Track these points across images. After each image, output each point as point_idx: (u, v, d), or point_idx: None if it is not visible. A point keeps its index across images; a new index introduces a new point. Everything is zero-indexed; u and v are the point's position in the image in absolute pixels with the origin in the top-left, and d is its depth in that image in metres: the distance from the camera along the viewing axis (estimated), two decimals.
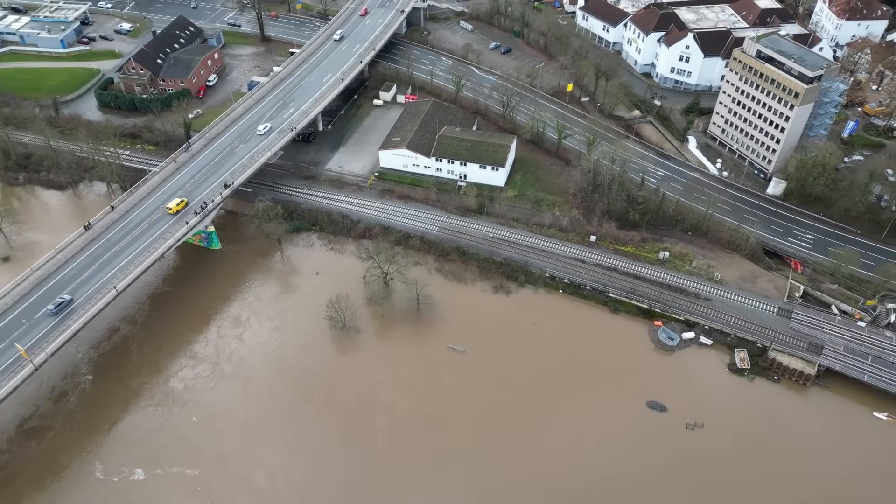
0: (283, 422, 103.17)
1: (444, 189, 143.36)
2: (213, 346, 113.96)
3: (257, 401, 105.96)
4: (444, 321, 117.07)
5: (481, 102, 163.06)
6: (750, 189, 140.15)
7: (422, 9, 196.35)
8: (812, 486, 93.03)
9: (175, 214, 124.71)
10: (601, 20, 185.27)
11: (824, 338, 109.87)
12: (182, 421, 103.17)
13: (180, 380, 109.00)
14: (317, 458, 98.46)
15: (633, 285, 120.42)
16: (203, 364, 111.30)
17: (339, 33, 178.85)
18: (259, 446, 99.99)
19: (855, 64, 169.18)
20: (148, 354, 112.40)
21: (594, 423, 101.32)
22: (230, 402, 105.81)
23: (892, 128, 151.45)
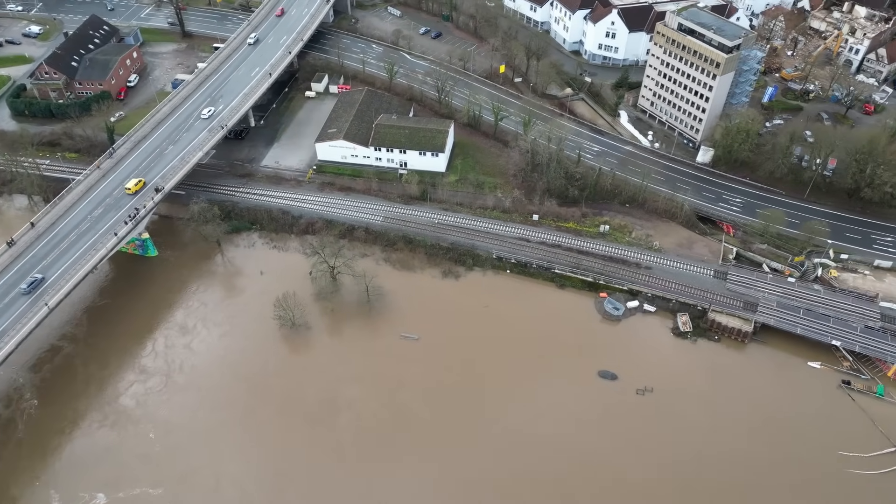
0: (245, 429, 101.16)
1: (385, 178, 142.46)
2: (162, 358, 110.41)
3: (215, 410, 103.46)
4: (396, 311, 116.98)
5: (416, 88, 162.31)
6: (681, 158, 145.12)
7: None
8: (757, 436, 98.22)
9: (134, 195, 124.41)
10: (528, 0, 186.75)
11: (758, 296, 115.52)
12: (139, 439, 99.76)
13: (131, 396, 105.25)
14: (284, 462, 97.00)
15: (577, 260, 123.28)
16: (154, 377, 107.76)
17: (254, 36, 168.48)
18: (223, 456, 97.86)
19: (770, 31, 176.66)
20: (95, 373, 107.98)
21: (552, 398, 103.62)
22: (187, 413, 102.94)
23: (808, 91, 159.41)
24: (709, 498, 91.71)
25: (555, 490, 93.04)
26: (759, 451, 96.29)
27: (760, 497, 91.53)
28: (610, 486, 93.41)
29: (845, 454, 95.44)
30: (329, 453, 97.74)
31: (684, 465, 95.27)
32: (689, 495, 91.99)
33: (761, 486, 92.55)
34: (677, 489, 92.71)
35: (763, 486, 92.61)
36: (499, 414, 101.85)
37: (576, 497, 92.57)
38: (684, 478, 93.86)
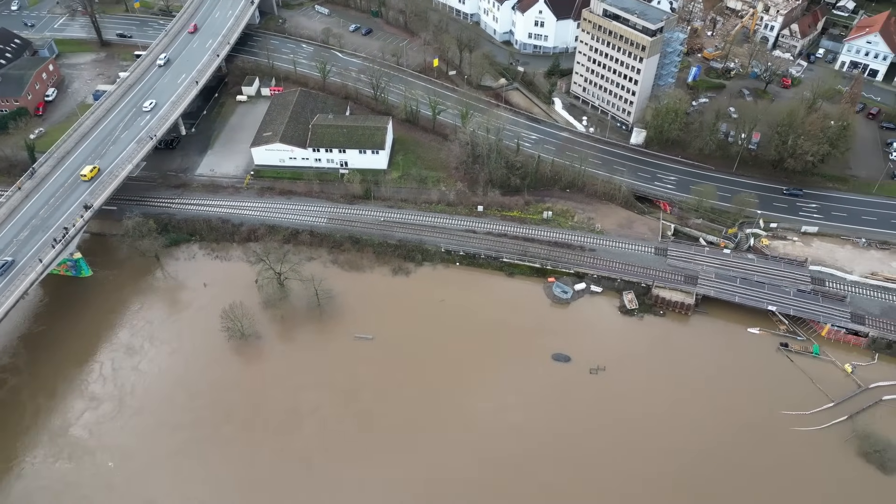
0: (209, 447, 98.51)
1: (326, 179, 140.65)
2: (112, 382, 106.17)
3: (176, 430, 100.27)
4: (348, 312, 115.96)
5: (350, 87, 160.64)
6: (615, 141, 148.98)
7: None
8: (705, 403, 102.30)
9: (90, 181, 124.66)
10: None
11: (697, 269, 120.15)
12: (98, 469, 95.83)
13: (84, 426, 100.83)
14: (253, 478, 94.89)
15: (524, 247, 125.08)
16: (105, 403, 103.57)
17: (164, 57, 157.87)
18: (189, 478, 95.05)
19: (690, 13, 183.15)
20: (42, 403, 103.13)
21: (511, 386, 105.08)
22: (146, 438, 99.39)
23: (729, 69, 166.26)
24: (666, 466, 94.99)
25: (525, 478, 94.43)
26: (709, 418, 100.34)
27: (713, 462, 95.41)
28: (576, 465, 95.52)
29: (788, 413, 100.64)
30: (298, 464, 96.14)
31: (640, 438, 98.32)
32: (647, 466, 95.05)
33: (713, 452, 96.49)
34: (637, 461, 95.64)
35: (715, 451, 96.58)
36: (460, 407, 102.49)
37: (546, 481, 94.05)
38: (641, 450, 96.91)
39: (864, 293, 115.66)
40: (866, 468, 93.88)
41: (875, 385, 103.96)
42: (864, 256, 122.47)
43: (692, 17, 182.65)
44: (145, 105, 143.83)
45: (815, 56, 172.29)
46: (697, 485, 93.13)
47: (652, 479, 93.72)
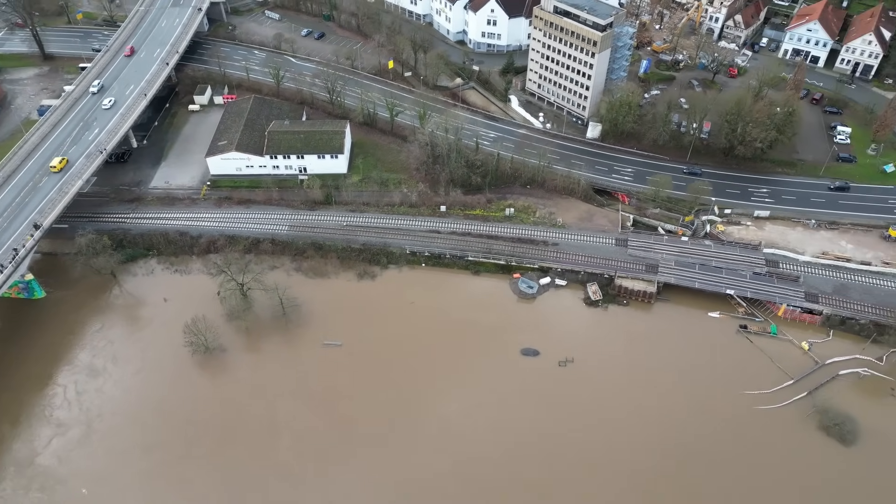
0: (185, 466, 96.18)
1: (286, 186, 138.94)
2: (77, 406, 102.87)
3: (147, 452, 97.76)
4: (315, 319, 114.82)
5: (306, 91, 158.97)
6: (572, 136, 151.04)
7: (221, 3, 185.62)
8: (671, 389, 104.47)
9: (59, 172, 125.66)
10: None
11: (657, 258, 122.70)
12: (71, 497, 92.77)
13: (52, 454, 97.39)
14: (233, 494, 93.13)
15: (488, 245, 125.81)
16: (72, 429, 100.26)
17: (98, 83, 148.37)
18: (167, 499, 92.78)
19: (638, 7, 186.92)
20: (6, 432, 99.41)
21: (482, 384, 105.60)
22: (118, 461, 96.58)
23: (678, 61, 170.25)
24: (638, 452, 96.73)
25: (504, 474, 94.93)
26: (676, 402, 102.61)
27: (683, 445, 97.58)
28: (552, 459, 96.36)
29: (751, 393, 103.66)
30: (278, 476, 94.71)
31: (611, 426, 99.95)
32: (620, 453, 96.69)
33: (682, 436, 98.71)
34: (609, 449, 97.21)
35: (683, 434, 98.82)
36: (436, 409, 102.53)
37: (526, 476, 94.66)
38: (613, 438, 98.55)
39: (817, 273, 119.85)
40: (827, 441, 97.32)
41: (831, 361, 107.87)
42: (814, 237, 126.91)
43: (640, 11, 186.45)
44: (105, 103, 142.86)
45: (759, 45, 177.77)
46: (669, 468, 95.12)
47: (625, 465, 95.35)
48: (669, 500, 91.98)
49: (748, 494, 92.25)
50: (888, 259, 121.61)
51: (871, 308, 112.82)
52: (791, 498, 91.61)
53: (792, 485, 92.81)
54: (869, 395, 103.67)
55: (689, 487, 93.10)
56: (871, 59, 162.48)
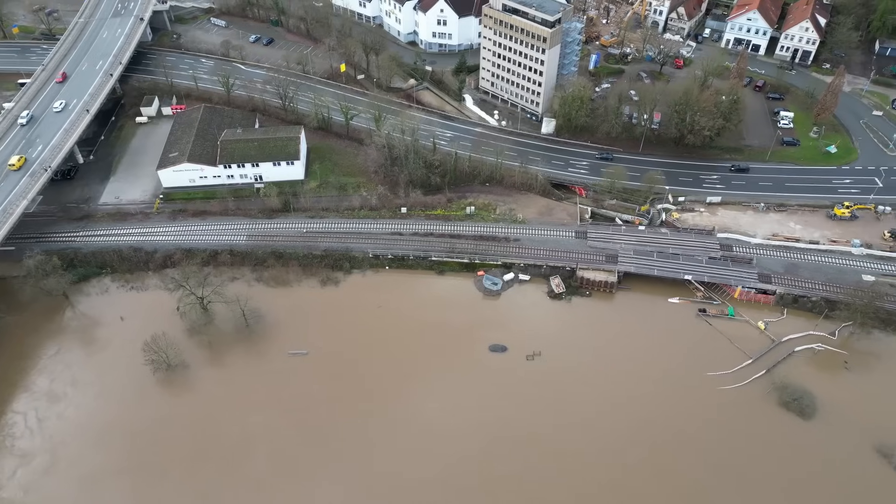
0: (159, 489, 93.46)
1: (242, 195, 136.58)
2: (39, 434, 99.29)
3: (119, 476, 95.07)
4: (279, 329, 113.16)
5: (257, 98, 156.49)
6: (527, 132, 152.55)
7: (164, 11, 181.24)
8: (637, 375, 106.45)
9: (18, 171, 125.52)
10: None
11: (617, 248, 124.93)
12: None
13: (18, 486, 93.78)
14: None
15: (451, 244, 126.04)
16: (37, 457, 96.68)
17: (27, 115, 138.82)
18: None
19: (584, 3, 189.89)
20: None
21: (453, 384, 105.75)
22: (88, 488, 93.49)
23: (626, 54, 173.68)
24: (609, 439, 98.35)
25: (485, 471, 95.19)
26: (642, 388, 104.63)
27: (652, 430, 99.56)
28: (522, 452, 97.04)
29: (713, 374, 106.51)
30: (257, 493, 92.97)
31: (581, 416, 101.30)
32: (592, 443, 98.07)
33: (650, 420, 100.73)
34: (581, 439, 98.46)
35: (651, 418, 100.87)
36: (410, 412, 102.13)
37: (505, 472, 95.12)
38: (584, 428, 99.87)
39: (768, 254, 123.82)
40: (787, 416, 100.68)
41: (787, 338, 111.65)
42: (764, 220, 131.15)
43: (587, 6, 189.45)
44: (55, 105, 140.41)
45: (703, 36, 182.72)
46: (642, 453, 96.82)
47: (599, 453, 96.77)
48: (646, 484, 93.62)
49: (718, 473, 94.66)
50: (834, 237, 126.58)
51: (821, 285, 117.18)
52: (759, 473, 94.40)
53: (759, 461, 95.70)
54: (824, 369, 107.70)
55: (663, 471, 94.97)
56: (808, 46, 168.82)
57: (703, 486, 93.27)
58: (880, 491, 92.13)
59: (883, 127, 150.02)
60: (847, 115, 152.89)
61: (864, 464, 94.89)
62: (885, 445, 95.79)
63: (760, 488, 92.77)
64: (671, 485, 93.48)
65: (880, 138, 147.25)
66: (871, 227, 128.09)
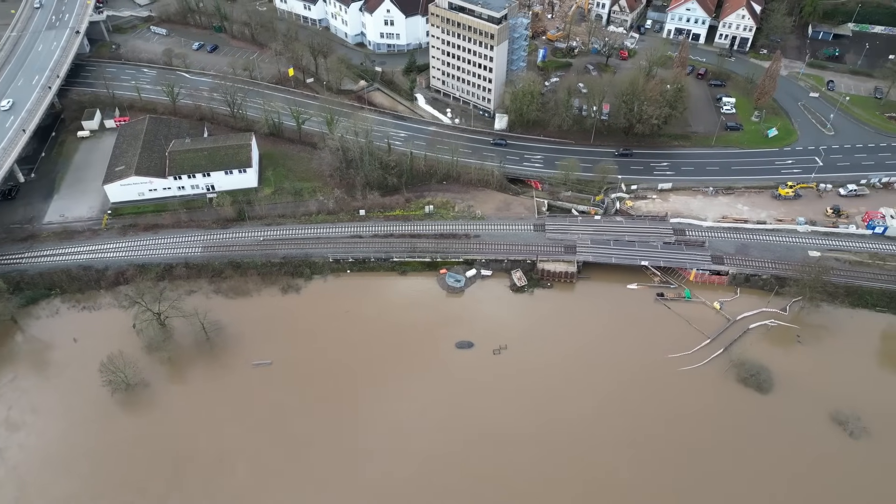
0: None
1: (194, 206, 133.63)
2: (2, 465, 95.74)
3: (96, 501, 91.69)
4: (241, 340, 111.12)
5: (205, 107, 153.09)
6: (481, 129, 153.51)
7: (101, 22, 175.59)
8: (601, 362, 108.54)
9: None
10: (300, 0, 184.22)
11: (574, 238, 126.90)
12: None
13: None
14: None
15: (412, 244, 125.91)
16: (3, 488, 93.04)
17: None
18: None
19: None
20: None
21: (423, 382, 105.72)
22: None
23: (573, 48, 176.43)
24: (579, 428, 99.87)
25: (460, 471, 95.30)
26: (607, 374, 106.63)
27: (620, 415, 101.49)
28: (497, 447, 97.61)
29: (674, 356, 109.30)
30: None
31: (550, 406, 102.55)
32: (562, 432, 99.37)
33: (618, 405, 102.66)
34: (551, 429, 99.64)
35: (619, 404, 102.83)
36: (379, 415, 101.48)
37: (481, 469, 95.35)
38: (553, 418, 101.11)
39: (719, 236, 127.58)
40: (746, 391, 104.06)
41: (741, 316, 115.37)
42: (713, 203, 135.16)
43: (532, 1, 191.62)
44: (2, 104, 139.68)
45: (645, 27, 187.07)
46: (612, 437, 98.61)
47: (569, 440, 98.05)
48: (618, 467, 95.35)
49: (685, 451, 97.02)
50: (780, 217, 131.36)
51: (770, 263, 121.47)
52: (723, 448, 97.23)
53: (722, 436, 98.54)
54: (778, 344, 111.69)
55: (632, 453, 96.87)
56: (745, 33, 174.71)
57: (671, 465, 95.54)
58: (838, 456, 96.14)
59: (820, 108, 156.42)
60: (786, 98, 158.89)
61: (821, 432, 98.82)
62: (840, 413, 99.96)
63: (725, 462, 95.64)
64: (641, 466, 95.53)
65: (818, 119, 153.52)
66: (814, 204, 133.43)
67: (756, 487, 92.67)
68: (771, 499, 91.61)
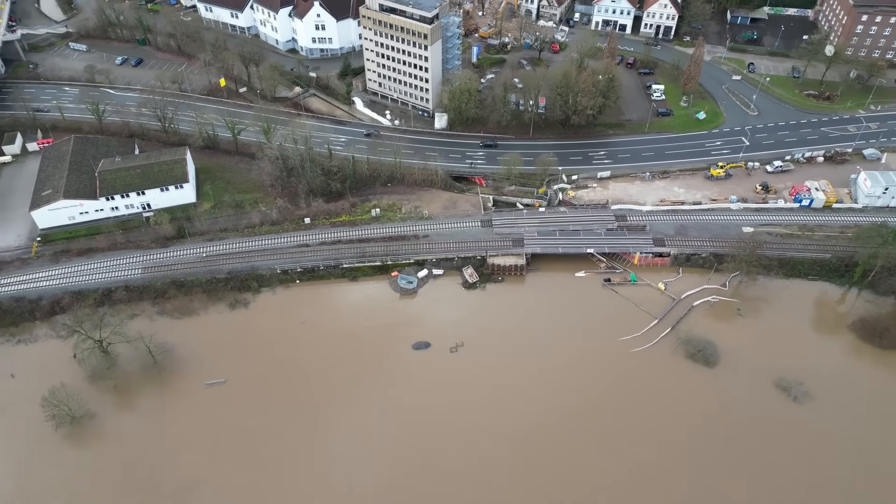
0: None
1: (130, 227, 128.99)
2: None
3: None
4: (191, 361, 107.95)
5: (133, 123, 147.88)
6: (421, 129, 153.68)
7: (16, 41, 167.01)
8: (555, 351, 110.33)
9: None
10: (226, 7, 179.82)
11: (521, 231, 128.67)
12: None
13: None
14: None
15: (361, 249, 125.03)
16: None
17: None
18: None
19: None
20: None
21: (383, 386, 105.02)
22: None
23: (505, 44, 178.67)
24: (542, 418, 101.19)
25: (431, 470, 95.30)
26: (564, 363, 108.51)
27: (579, 401, 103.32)
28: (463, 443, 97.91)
29: (625, 338, 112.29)
30: None
31: (509, 398, 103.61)
32: (523, 423, 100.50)
33: (577, 392, 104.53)
34: (512, 420, 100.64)
35: (576, 391, 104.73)
36: (344, 424, 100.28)
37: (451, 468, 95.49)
38: (514, 409, 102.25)
39: (659, 219, 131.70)
40: (696, 367, 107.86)
41: (685, 295, 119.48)
42: (651, 188, 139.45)
43: (462, 0, 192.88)
44: None
45: (574, 20, 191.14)
46: (575, 424, 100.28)
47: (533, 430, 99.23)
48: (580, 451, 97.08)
49: (641, 429, 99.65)
50: (714, 196, 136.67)
51: (708, 242, 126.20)
52: (676, 422, 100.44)
53: (674, 410, 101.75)
54: (720, 318, 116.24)
55: (593, 436, 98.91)
56: (669, 21, 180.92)
57: (632, 444, 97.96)
58: (783, 420, 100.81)
59: (743, 90, 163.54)
60: (711, 82, 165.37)
61: (766, 398, 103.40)
62: (783, 379, 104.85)
63: (680, 435, 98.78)
64: (603, 448, 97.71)
65: (742, 100, 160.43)
66: (744, 182, 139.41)
67: (711, 457, 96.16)
68: (725, 466, 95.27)
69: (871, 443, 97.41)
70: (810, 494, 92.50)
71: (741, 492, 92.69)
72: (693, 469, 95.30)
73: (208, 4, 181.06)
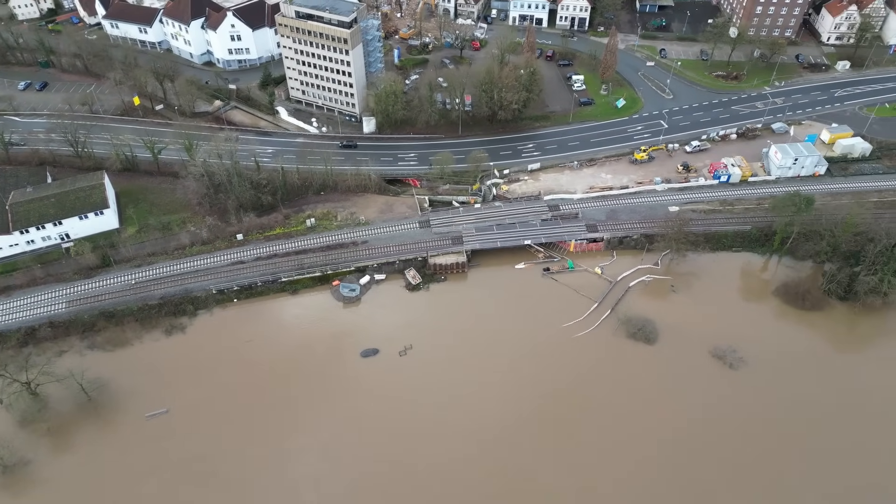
0: None
1: (49, 259, 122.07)
2: None
3: None
4: (129, 393, 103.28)
5: (43, 150, 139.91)
6: (350, 134, 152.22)
7: None
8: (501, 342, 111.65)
9: None
10: (133, 23, 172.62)
11: (460, 229, 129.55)
12: None
13: None
14: None
15: (299, 261, 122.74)
16: None
17: None
18: None
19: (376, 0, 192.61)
20: None
21: (335, 398, 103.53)
22: None
23: (426, 44, 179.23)
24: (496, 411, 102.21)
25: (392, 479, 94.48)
26: (511, 353, 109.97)
27: (530, 392, 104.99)
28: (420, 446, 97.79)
29: (568, 324, 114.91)
30: None
31: (461, 394, 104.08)
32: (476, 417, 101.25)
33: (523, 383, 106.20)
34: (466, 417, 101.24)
35: (525, 380, 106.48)
36: (303, 444, 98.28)
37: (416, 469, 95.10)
38: (467, 405, 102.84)
39: (590, 205, 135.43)
40: (637, 345, 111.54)
41: (621, 277, 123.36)
42: (580, 176, 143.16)
43: (380, 2, 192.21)
44: None
45: (491, 17, 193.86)
46: (523, 412, 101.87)
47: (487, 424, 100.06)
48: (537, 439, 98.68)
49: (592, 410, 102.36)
50: (639, 179, 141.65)
51: (638, 224, 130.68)
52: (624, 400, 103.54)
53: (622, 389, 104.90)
54: (656, 296, 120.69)
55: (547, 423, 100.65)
56: (582, 13, 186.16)
57: (582, 427, 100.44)
58: (721, 386, 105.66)
59: (657, 75, 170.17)
60: (627, 69, 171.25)
61: (705, 368, 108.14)
62: (718, 349, 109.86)
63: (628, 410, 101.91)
64: (557, 434, 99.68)
65: (657, 85, 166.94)
66: (667, 164, 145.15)
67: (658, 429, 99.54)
68: (672, 434, 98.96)
69: (803, 397, 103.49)
70: (755, 451, 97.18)
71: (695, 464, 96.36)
72: (641, 439, 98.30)
73: (114, 21, 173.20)
